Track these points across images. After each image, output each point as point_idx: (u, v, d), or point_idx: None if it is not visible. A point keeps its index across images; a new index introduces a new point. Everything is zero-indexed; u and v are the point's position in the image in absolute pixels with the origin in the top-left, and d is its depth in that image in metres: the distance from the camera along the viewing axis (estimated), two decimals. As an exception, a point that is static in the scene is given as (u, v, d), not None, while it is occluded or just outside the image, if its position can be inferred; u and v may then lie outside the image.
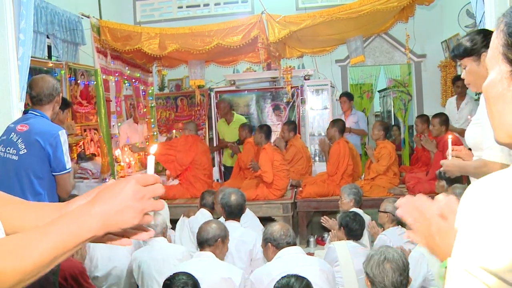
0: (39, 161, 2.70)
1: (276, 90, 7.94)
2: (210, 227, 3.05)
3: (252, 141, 6.17)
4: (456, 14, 6.55)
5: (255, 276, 2.86)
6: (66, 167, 2.78)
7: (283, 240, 2.90)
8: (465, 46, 2.16)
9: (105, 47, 5.78)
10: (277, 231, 2.94)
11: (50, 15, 5.87)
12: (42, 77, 3.05)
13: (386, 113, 10.17)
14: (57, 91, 2.92)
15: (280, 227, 2.98)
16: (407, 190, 5.42)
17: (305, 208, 5.58)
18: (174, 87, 8.54)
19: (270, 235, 2.96)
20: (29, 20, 3.39)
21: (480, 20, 3.20)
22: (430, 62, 8.02)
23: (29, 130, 2.81)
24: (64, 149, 2.77)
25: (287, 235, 2.92)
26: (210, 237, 2.99)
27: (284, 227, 3.00)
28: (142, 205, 0.93)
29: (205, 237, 2.99)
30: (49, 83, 2.93)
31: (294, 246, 2.95)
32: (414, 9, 5.68)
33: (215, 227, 3.05)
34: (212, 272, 2.79)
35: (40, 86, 2.92)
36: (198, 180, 5.95)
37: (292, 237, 2.96)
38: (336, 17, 5.21)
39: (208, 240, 2.99)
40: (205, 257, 2.95)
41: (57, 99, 2.91)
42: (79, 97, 6.15)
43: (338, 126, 5.83)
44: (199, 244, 3.04)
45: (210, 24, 5.68)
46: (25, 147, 2.76)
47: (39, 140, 2.74)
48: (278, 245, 2.91)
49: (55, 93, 2.90)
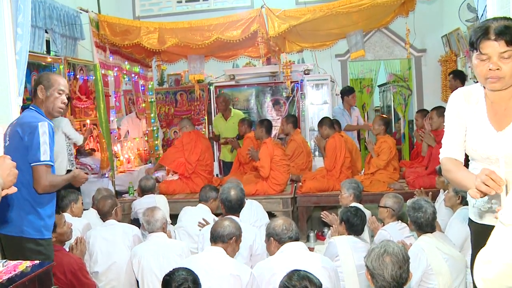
0: (17, 152, 2.62)
1: (275, 84, 7.93)
2: (228, 224, 3.02)
3: (252, 136, 6.16)
4: (456, 8, 6.52)
5: (257, 270, 2.85)
6: (41, 159, 2.66)
7: (285, 235, 2.89)
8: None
9: (104, 41, 5.75)
10: (280, 226, 2.92)
11: (48, 9, 5.84)
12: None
13: (386, 108, 10.15)
14: (37, 83, 2.88)
15: (283, 222, 2.96)
16: (407, 185, 5.42)
17: (305, 203, 5.57)
18: (173, 81, 8.52)
19: (272, 229, 2.94)
20: (27, 14, 3.37)
21: (482, 14, 3.18)
22: (430, 56, 7.99)
23: (15, 122, 2.84)
24: (42, 140, 2.67)
25: (289, 230, 2.90)
26: (226, 234, 2.96)
27: (287, 222, 2.97)
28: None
29: (221, 232, 2.97)
30: (36, 78, 2.98)
31: (297, 242, 2.92)
32: (414, 3, 5.66)
33: (232, 226, 3.03)
34: (221, 267, 2.78)
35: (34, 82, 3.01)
36: (198, 175, 5.94)
37: (295, 232, 2.93)
38: (336, 11, 5.19)
39: (222, 237, 2.96)
40: (216, 252, 2.93)
41: (38, 91, 2.86)
42: (78, 92, 6.13)
43: (327, 123, 5.87)
44: (213, 239, 3.01)
45: (209, 19, 5.66)
46: (9, 139, 2.76)
47: (18, 130, 2.71)
48: (280, 240, 2.90)
49: (36, 85, 2.88)
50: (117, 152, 6.65)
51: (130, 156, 7.12)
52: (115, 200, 3.99)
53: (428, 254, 2.91)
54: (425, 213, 3.06)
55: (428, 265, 2.88)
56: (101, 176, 5.99)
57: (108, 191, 4.70)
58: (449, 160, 2.10)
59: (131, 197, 5.68)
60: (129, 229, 3.80)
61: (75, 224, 3.73)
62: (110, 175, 5.85)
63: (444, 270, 2.88)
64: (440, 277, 2.86)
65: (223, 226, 3.00)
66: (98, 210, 4.04)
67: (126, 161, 6.98)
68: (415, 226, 3.13)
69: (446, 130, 2.17)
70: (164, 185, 5.93)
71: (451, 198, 3.75)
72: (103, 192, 4.56)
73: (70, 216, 3.89)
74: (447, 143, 2.15)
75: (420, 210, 3.07)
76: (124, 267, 3.54)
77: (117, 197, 5.37)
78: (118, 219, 3.92)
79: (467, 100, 2.11)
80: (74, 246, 3.46)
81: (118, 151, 6.73)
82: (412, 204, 3.16)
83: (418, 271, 2.86)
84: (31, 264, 2.29)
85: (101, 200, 3.96)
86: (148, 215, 3.60)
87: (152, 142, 7.76)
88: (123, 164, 6.85)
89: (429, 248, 2.94)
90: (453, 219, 3.62)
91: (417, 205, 3.12)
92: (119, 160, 6.72)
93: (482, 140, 2.04)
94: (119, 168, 6.63)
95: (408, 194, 4.71)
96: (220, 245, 2.96)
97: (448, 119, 2.17)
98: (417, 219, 3.08)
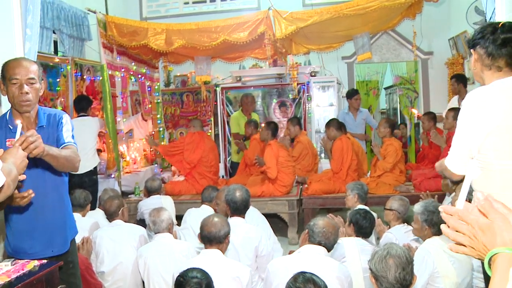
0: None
1: (282, 86, 7.93)
2: (219, 223, 2.96)
3: (258, 137, 6.17)
4: (464, 11, 6.50)
5: (273, 267, 2.80)
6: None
7: (317, 237, 2.83)
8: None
9: (111, 42, 5.78)
10: (319, 227, 2.85)
11: (56, 10, 5.88)
12: None
13: (392, 110, 10.12)
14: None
15: (324, 225, 2.85)
16: (413, 188, 5.40)
17: (311, 205, 5.57)
18: (180, 83, 8.54)
19: (312, 226, 2.88)
20: (36, 16, 3.39)
21: (490, 17, 3.17)
22: (437, 59, 7.97)
23: None
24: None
25: (325, 236, 2.82)
26: (221, 234, 2.93)
27: (328, 227, 2.86)
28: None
29: (217, 234, 2.91)
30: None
31: (318, 246, 2.83)
32: (421, 6, 5.65)
33: (222, 223, 2.99)
34: (221, 271, 2.74)
35: None
36: (204, 176, 5.95)
37: (329, 241, 2.84)
38: (343, 14, 5.19)
39: (219, 237, 2.92)
40: (213, 255, 2.89)
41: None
42: (85, 92, 6.15)
43: (334, 125, 5.85)
44: (208, 241, 2.94)
45: (216, 20, 5.67)
46: None
47: None
48: (310, 239, 2.86)
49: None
50: (123, 152, 6.67)
51: (136, 156, 7.15)
52: (121, 201, 4.01)
53: (435, 256, 2.89)
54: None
55: (434, 267, 2.87)
56: (108, 176, 6.01)
57: (114, 192, 4.72)
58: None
59: (137, 198, 5.70)
60: (135, 229, 3.81)
61: (83, 223, 3.76)
62: (117, 176, 5.88)
63: (451, 273, 2.87)
64: (447, 279, 2.85)
65: (216, 226, 2.93)
66: (104, 210, 4.06)
67: (132, 162, 7.00)
68: (433, 228, 3.06)
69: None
70: (170, 186, 5.95)
71: (458, 202, 3.72)
72: (110, 192, 4.58)
73: (80, 216, 3.93)
74: None
75: (435, 212, 3.03)
76: (130, 268, 3.55)
77: (123, 197, 5.39)
78: (125, 219, 3.93)
79: None
80: (80, 246, 3.48)
81: (124, 152, 6.75)
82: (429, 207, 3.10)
83: (425, 274, 2.85)
84: (39, 263, 2.30)
85: (108, 201, 3.98)
86: (154, 216, 3.61)
87: (158, 143, 7.78)
88: (129, 165, 6.88)
89: (435, 251, 2.92)
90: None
91: (432, 207, 3.08)
92: (125, 161, 6.75)
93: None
94: (125, 169, 6.65)
95: (414, 196, 4.70)
96: (216, 247, 2.93)
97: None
98: (432, 220, 3.03)
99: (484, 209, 1.04)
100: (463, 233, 1.06)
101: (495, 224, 1.01)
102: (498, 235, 0.99)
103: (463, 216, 1.06)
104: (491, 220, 1.02)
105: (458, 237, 1.07)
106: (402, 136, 8.79)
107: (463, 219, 1.06)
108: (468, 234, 1.05)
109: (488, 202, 1.04)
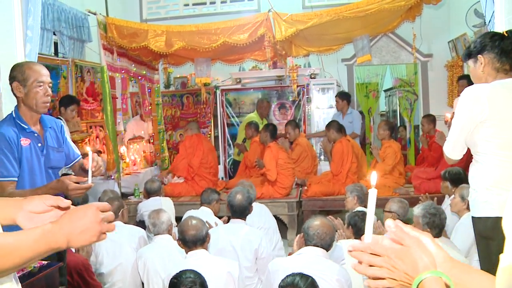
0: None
1: (282, 88, 7.93)
2: (198, 224, 2.97)
3: (258, 140, 6.17)
4: (463, 14, 6.51)
5: (273, 267, 2.81)
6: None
7: (314, 239, 2.81)
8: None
9: (112, 44, 5.79)
10: (313, 229, 2.83)
11: (57, 12, 5.88)
12: None
13: (392, 112, 10.14)
14: (11, 80, 2.52)
15: (318, 227, 2.83)
16: (413, 190, 5.41)
17: (310, 207, 5.57)
18: (179, 84, 8.54)
19: (307, 229, 2.86)
20: (37, 17, 3.40)
21: (490, 20, 3.18)
22: (436, 61, 7.98)
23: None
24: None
25: (320, 238, 2.80)
26: (204, 234, 2.95)
27: (324, 228, 2.83)
28: (100, 227, 1.20)
29: (200, 235, 2.93)
30: (10, 73, 2.61)
31: (319, 248, 2.81)
32: (421, 8, 5.66)
33: (201, 223, 3.00)
34: (213, 269, 2.76)
35: None
36: (203, 178, 5.96)
37: (325, 241, 2.82)
38: (343, 16, 5.20)
39: (203, 238, 2.94)
40: (200, 255, 2.91)
41: (14, 89, 2.53)
42: (85, 94, 6.16)
43: (334, 127, 5.83)
44: (193, 244, 2.94)
45: (216, 22, 5.69)
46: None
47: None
48: (306, 241, 2.85)
49: (11, 82, 2.56)
50: (123, 154, 6.67)
51: (136, 158, 7.14)
52: (121, 202, 4.02)
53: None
54: (442, 214, 3.05)
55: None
56: (107, 178, 6.01)
57: (114, 193, 4.72)
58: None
59: (137, 199, 5.70)
60: (135, 231, 3.82)
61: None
62: (116, 177, 5.88)
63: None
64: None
65: (197, 228, 2.94)
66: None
67: (132, 163, 7.00)
68: (433, 230, 3.06)
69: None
70: (170, 188, 5.96)
71: (457, 204, 3.73)
72: (110, 193, 4.58)
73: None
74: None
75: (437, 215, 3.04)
76: (130, 269, 3.55)
77: (123, 199, 5.39)
78: (124, 221, 3.94)
79: None
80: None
81: (124, 153, 6.75)
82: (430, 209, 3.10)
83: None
84: (39, 264, 2.30)
85: (107, 202, 3.97)
86: (153, 218, 3.61)
87: (158, 145, 7.79)
88: (129, 166, 6.88)
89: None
90: (459, 225, 3.60)
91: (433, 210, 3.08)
92: (125, 162, 6.75)
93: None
94: (125, 170, 6.65)
95: (414, 199, 4.71)
96: (200, 247, 2.95)
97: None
98: (434, 223, 3.04)
99: (398, 236, 1.01)
100: (379, 266, 1.01)
101: (412, 250, 0.98)
102: (418, 260, 0.97)
103: (375, 249, 1.01)
104: (408, 246, 0.99)
105: (376, 272, 1.01)
106: (401, 138, 8.84)
107: (376, 252, 1.01)
108: (385, 266, 1.00)
109: (399, 228, 1.02)
